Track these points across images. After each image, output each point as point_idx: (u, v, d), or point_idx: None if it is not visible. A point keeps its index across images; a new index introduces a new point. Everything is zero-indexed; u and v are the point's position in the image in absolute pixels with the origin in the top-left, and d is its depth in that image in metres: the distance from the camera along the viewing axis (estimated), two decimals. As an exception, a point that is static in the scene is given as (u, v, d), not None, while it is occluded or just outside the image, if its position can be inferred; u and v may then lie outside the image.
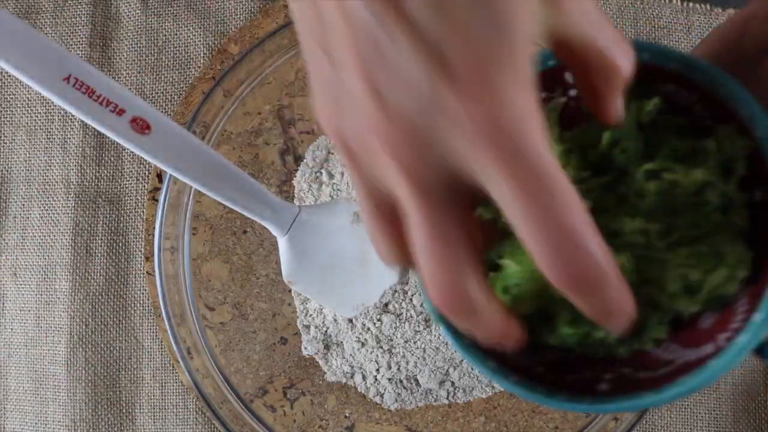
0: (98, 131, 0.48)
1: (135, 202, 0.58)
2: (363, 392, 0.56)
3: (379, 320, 0.55)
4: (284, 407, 0.56)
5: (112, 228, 0.58)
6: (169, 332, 0.53)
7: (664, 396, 0.30)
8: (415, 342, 0.55)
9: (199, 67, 0.58)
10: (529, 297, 0.31)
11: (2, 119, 0.59)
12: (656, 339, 0.33)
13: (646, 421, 0.56)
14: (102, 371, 0.57)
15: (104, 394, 0.57)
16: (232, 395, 0.54)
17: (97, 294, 0.58)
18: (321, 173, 0.56)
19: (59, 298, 0.58)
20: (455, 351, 0.34)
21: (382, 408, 0.56)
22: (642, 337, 0.33)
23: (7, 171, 0.59)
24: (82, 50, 0.59)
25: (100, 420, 0.57)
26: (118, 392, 0.57)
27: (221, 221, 0.56)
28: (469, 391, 0.56)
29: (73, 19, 0.59)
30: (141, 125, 0.44)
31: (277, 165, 0.57)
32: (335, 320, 0.56)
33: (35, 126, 0.59)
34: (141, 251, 0.58)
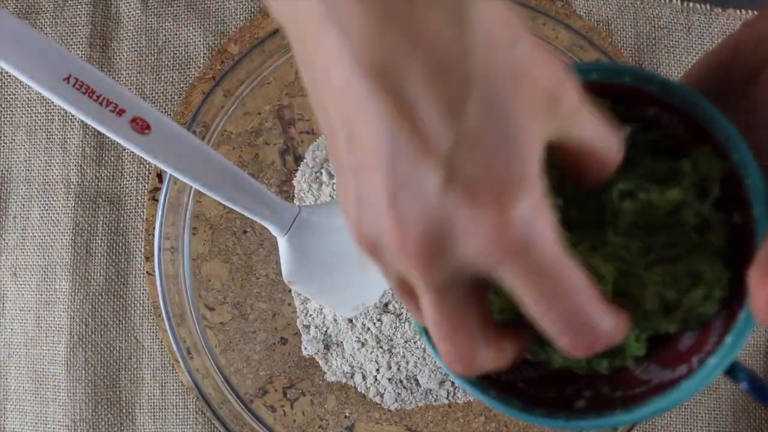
0: (98, 131, 0.48)
1: (135, 202, 0.58)
2: (363, 392, 0.56)
3: (379, 320, 0.55)
4: (284, 407, 0.56)
5: (112, 228, 0.58)
6: (169, 332, 0.53)
7: (634, 415, 0.31)
8: (415, 342, 0.55)
9: (199, 67, 0.58)
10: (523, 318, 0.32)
11: (2, 119, 0.59)
12: (636, 357, 0.34)
13: (646, 421, 0.56)
14: (102, 371, 0.57)
15: (104, 394, 0.57)
16: (232, 395, 0.54)
17: (97, 294, 0.58)
18: (321, 173, 0.56)
19: (59, 298, 0.58)
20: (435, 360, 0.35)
21: (382, 408, 0.56)
22: (623, 354, 0.33)
23: (7, 171, 0.58)
24: (82, 50, 0.59)
25: (100, 420, 0.57)
26: (118, 392, 0.57)
27: (221, 221, 0.56)
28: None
29: (73, 19, 0.59)
30: (141, 125, 0.44)
31: (277, 165, 0.57)
32: (335, 320, 0.56)
33: (35, 126, 0.59)
34: (141, 251, 0.58)
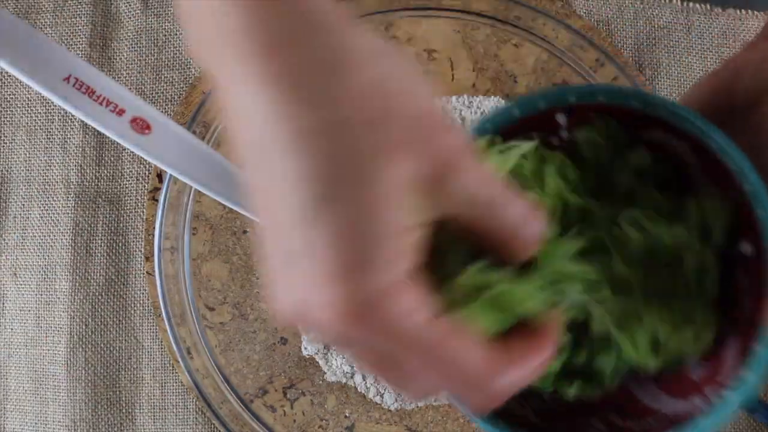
0: (98, 131, 0.48)
1: (135, 202, 0.58)
2: (363, 392, 0.56)
3: (379, 320, 0.55)
4: (284, 407, 0.56)
5: (112, 228, 0.58)
6: (169, 332, 0.53)
7: None
8: (415, 342, 0.55)
9: (199, 67, 0.58)
10: None
11: (2, 119, 0.59)
12: (641, 383, 0.34)
13: None
14: (102, 371, 0.57)
15: (104, 394, 0.57)
16: (232, 395, 0.54)
17: (97, 294, 0.58)
18: (321, 173, 0.56)
19: (59, 298, 0.58)
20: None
21: (382, 408, 0.56)
22: (602, 383, 0.34)
23: (7, 171, 0.58)
24: (82, 50, 0.59)
25: (100, 420, 0.57)
26: (118, 392, 0.57)
27: (221, 221, 0.56)
28: (469, 391, 0.56)
29: (73, 19, 0.59)
30: (141, 125, 0.44)
31: (277, 165, 0.57)
32: (335, 320, 0.56)
33: (35, 126, 0.59)
34: (141, 251, 0.58)
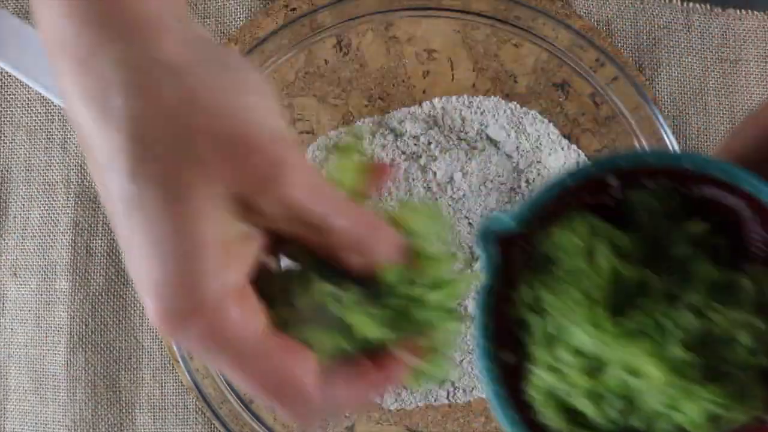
0: (98, 131, 0.48)
1: (135, 202, 0.58)
2: (363, 392, 0.56)
3: (379, 320, 0.55)
4: (284, 407, 0.56)
5: (112, 228, 0.58)
6: (169, 332, 0.53)
7: None
8: (415, 342, 0.55)
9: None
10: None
11: (2, 119, 0.59)
12: None
13: None
14: (102, 371, 0.57)
15: (104, 394, 0.57)
16: (232, 395, 0.54)
17: (97, 294, 0.58)
18: (321, 173, 0.56)
19: (59, 298, 0.58)
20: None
21: (382, 408, 0.56)
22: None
23: (7, 171, 0.58)
24: (82, 50, 0.58)
25: (100, 420, 0.57)
26: (118, 392, 0.57)
27: (221, 221, 0.56)
28: (469, 391, 0.56)
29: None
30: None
31: (277, 165, 0.57)
32: (335, 320, 0.56)
33: (35, 126, 0.59)
34: (141, 251, 0.58)
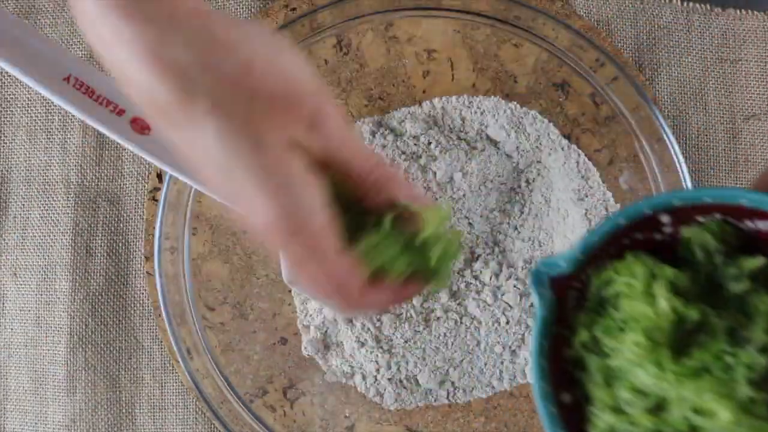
0: (98, 131, 0.48)
1: (135, 202, 0.58)
2: (363, 392, 0.56)
3: (379, 320, 0.55)
4: (284, 407, 0.56)
5: (112, 228, 0.58)
6: (169, 332, 0.53)
7: None
8: (415, 342, 0.55)
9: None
10: None
11: (2, 119, 0.59)
12: None
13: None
14: (102, 371, 0.57)
15: (104, 394, 0.57)
16: (232, 395, 0.54)
17: (97, 294, 0.58)
18: (321, 173, 0.56)
19: (59, 298, 0.58)
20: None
21: (382, 408, 0.56)
22: None
23: (7, 171, 0.59)
24: (82, 50, 0.59)
25: (100, 420, 0.57)
26: (118, 392, 0.57)
27: (221, 221, 0.56)
28: (469, 391, 0.56)
29: (73, 19, 0.59)
30: (141, 125, 0.44)
31: (277, 165, 0.57)
32: (335, 320, 0.56)
33: (35, 126, 0.59)
34: (141, 251, 0.58)
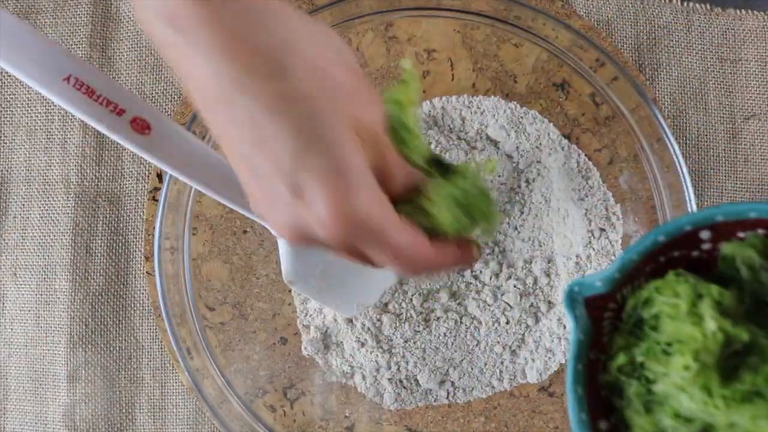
0: (98, 131, 0.48)
1: (135, 202, 0.58)
2: (363, 392, 0.56)
3: (379, 320, 0.55)
4: (284, 407, 0.56)
5: (112, 228, 0.58)
6: (169, 332, 0.53)
7: None
8: (415, 342, 0.55)
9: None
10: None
11: (2, 119, 0.59)
12: None
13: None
14: (102, 371, 0.57)
15: (104, 395, 0.57)
16: (232, 395, 0.54)
17: (97, 294, 0.58)
18: (321, 173, 0.56)
19: (59, 298, 0.58)
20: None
21: (382, 408, 0.56)
22: None
23: (7, 171, 0.59)
24: (82, 50, 0.59)
25: (100, 420, 0.57)
26: (118, 392, 0.57)
27: (221, 221, 0.56)
28: (469, 391, 0.56)
29: (73, 19, 0.59)
30: (141, 125, 0.44)
31: (277, 165, 0.57)
32: (335, 320, 0.56)
33: (35, 126, 0.59)
34: (141, 251, 0.58)
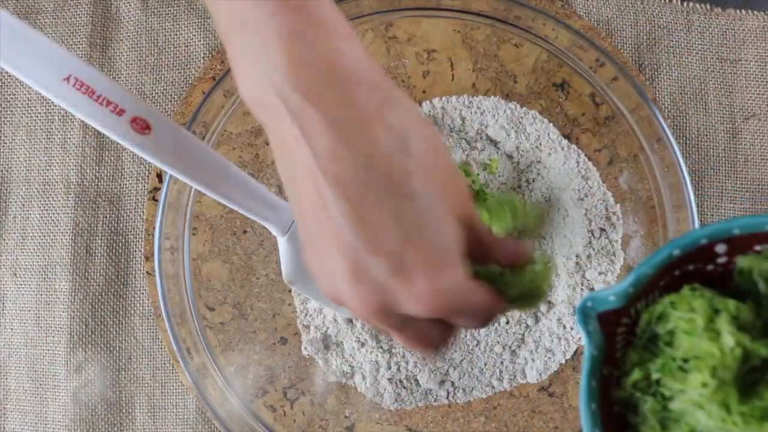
0: (98, 131, 0.48)
1: (135, 202, 0.58)
2: (363, 392, 0.56)
3: (379, 320, 0.55)
4: (284, 407, 0.56)
5: (112, 228, 0.58)
6: (169, 332, 0.53)
7: None
8: (415, 342, 0.55)
9: (199, 67, 0.58)
10: None
11: (2, 119, 0.59)
12: None
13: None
14: (102, 371, 0.57)
15: (104, 394, 0.57)
16: (232, 395, 0.54)
17: (97, 294, 0.58)
18: (321, 173, 0.56)
19: (59, 298, 0.58)
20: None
21: (382, 408, 0.56)
22: None
23: (7, 171, 0.59)
24: (82, 50, 0.59)
25: (100, 420, 0.57)
26: (118, 392, 0.57)
27: (221, 221, 0.56)
28: (469, 391, 0.56)
29: (73, 19, 0.59)
30: (141, 125, 0.44)
31: (277, 165, 0.57)
32: (335, 320, 0.56)
33: (35, 126, 0.59)
34: (141, 251, 0.58)
